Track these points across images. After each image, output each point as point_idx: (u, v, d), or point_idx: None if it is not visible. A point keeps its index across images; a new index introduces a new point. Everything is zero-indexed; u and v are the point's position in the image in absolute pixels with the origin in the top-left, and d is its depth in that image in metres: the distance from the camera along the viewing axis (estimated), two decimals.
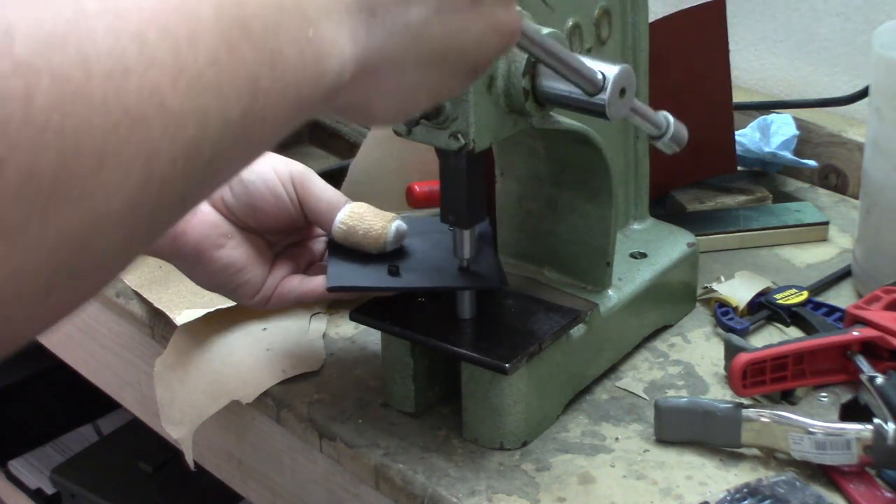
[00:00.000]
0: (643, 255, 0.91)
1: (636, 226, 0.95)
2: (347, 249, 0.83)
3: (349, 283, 0.80)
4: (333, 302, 0.95)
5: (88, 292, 0.42)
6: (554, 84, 0.75)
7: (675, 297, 0.93)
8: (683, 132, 0.80)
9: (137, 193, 0.40)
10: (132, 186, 0.40)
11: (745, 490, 0.73)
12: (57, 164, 0.37)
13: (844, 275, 0.99)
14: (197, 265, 0.83)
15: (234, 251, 0.83)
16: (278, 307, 0.86)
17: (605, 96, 0.72)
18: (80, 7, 0.39)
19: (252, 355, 0.90)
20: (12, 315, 0.38)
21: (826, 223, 1.07)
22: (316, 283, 0.84)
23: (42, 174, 0.37)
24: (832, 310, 0.91)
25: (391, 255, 0.82)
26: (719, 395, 0.84)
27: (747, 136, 1.16)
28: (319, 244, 0.88)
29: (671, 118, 0.80)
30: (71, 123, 0.37)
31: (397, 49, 0.54)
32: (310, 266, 0.87)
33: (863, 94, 1.11)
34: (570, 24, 0.81)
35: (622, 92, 0.73)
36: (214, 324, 0.92)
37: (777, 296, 0.93)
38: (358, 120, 0.58)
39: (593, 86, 0.71)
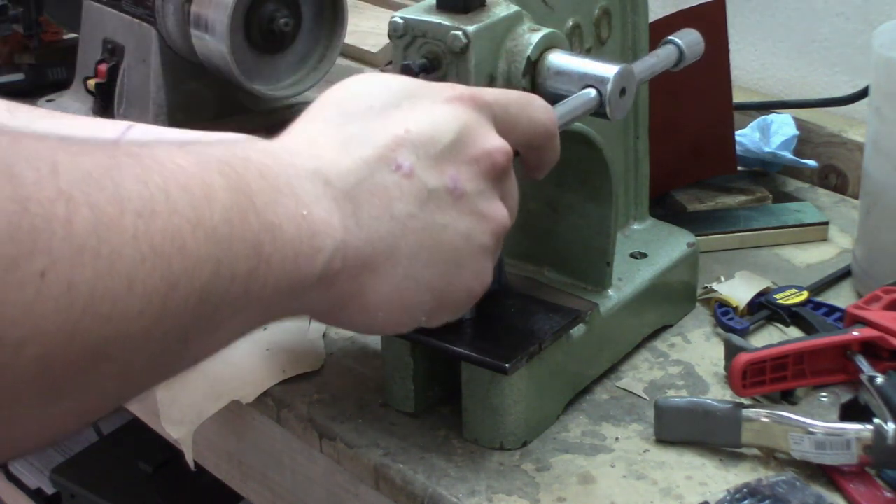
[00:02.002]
0: (643, 255, 0.91)
1: (636, 226, 0.95)
2: None
3: None
4: None
5: (81, 416, 0.46)
6: (554, 84, 0.75)
7: (675, 297, 0.93)
8: (695, 43, 0.81)
9: (153, 324, 0.45)
10: (151, 315, 0.45)
11: (745, 490, 0.73)
12: (93, 281, 0.42)
13: (844, 275, 0.99)
14: None
15: None
16: None
17: (605, 97, 0.72)
18: (115, 158, 0.45)
19: (252, 355, 0.90)
20: (24, 416, 0.42)
21: (826, 223, 1.07)
22: None
23: (80, 288, 0.42)
24: (832, 310, 0.91)
25: None
26: (719, 395, 0.84)
27: (747, 136, 1.16)
28: None
29: (677, 41, 0.81)
30: (106, 249, 0.42)
31: (386, 239, 0.58)
32: None
33: (863, 94, 1.11)
34: (570, 24, 0.81)
35: (622, 92, 0.74)
36: None
37: (777, 296, 0.93)
38: (358, 319, 0.60)
39: (599, 105, 0.73)
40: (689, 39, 0.82)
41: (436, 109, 0.61)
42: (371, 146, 0.59)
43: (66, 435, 0.47)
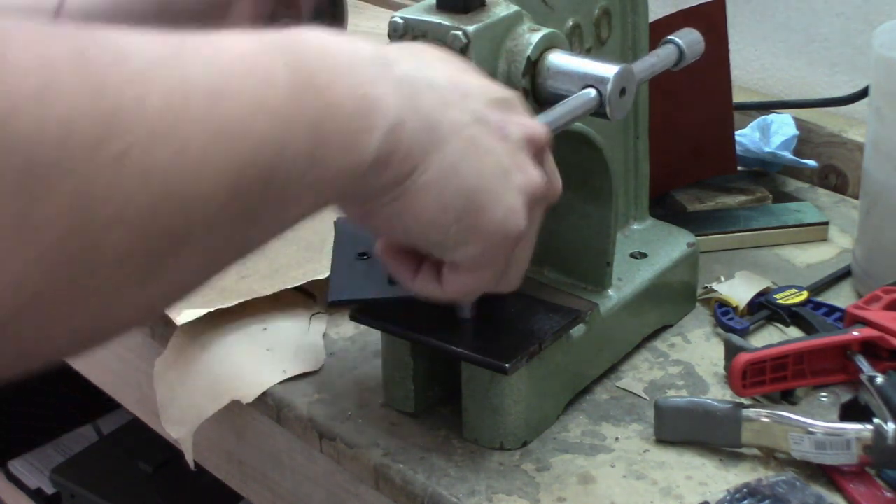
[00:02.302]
0: (643, 255, 0.91)
1: (636, 226, 0.95)
2: (350, 257, 0.82)
3: (351, 296, 0.80)
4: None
5: (169, 296, 0.49)
6: (553, 84, 0.75)
7: (675, 297, 0.93)
8: (695, 43, 0.81)
9: (225, 205, 0.47)
10: (223, 196, 0.47)
11: (744, 490, 0.73)
12: (169, 161, 0.44)
13: (844, 275, 0.99)
14: None
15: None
16: None
17: (605, 97, 0.72)
18: (179, 46, 0.47)
19: (252, 355, 0.90)
20: (117, 297, 0.45)
21: (826, 223, 1.07)
22: None
23: (156, 170, 0.43)
24: (832, 310, 0.91)
25: None
26: (719, 395, 0.84)
27: (747, 136, 1.16)
28: None
29: (677, 41, 0.81)
30: (176, 132, 0.44)
31: (438, 130, 0.59)
32: None
33: (863, 94, 1.11)
34: (570, 24, 0.81)
35: (622, 92, 0.74)
36: (214, 324, 0.92)
37: (777, 296, 0.93)
38: (398, 206, 0.61)
39: (599, 105, 0.73)
40: (689, 39, 0.82)
41: (489, 81, 0.65)
42: (432, 70, 0.61)
43: (155, 316, 0.49)
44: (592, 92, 0.72)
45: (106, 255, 0.43)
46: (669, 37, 0.82)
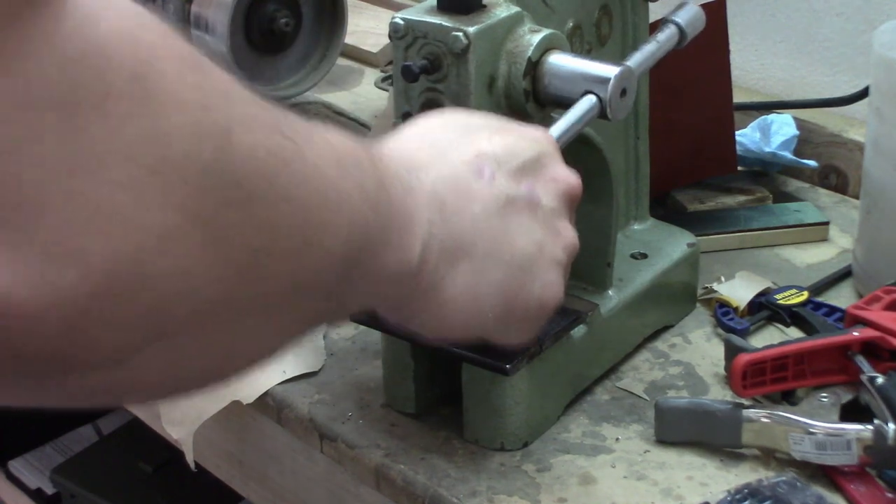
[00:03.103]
0: (644, 256, 0.91)
1: (636, 226, 0.95)
2: None
3: None
4: None
5: (263, 348, 0.51)
6: (554, 85, 0.75)
7: (675, 298, 0.93)
8: (696, 19, 0.81)
9: (327, 269, 0.50)
10: (330, 263, 0.50)
11: (745, 490, 0.73)
12: (316, 211, 0.48)
13: (844, 275, 0.99)
14: None
15: None
16: None
17: (605, 101, 0.72)
18: (307, 121, 0.50)
19: None
20: (250, 332, 0.46)
21: (826, 223, 1.07)
22: None
23: (311, 215, 0.47)
24: (832, 310, 0.91)
25: None
26: (720, 395, 0.84)
27: (747, 136, 1.16)
28: None
29: (676, 21, 0.81)
30: (322, 188, 0.48)
31: (465, 236, 0.62)
32: None
33: (863, 94, 1.11)
34: (571, 24, 0.81)
35: (623, 92, 0.74)
36: None
37: (777, 296, 0.93)
38: (431, 312, 0.63)
39: (600, 111, 0.73)
40: (688, 16, 0.82)
41: (518, 135, 0.66)
42: (457, 153, 0.63)
43: (244, 370, 0.50)
44: (593, 98, 0.72)
45: (266, 286, 0.45)
46: (668, 17, 0.82)
